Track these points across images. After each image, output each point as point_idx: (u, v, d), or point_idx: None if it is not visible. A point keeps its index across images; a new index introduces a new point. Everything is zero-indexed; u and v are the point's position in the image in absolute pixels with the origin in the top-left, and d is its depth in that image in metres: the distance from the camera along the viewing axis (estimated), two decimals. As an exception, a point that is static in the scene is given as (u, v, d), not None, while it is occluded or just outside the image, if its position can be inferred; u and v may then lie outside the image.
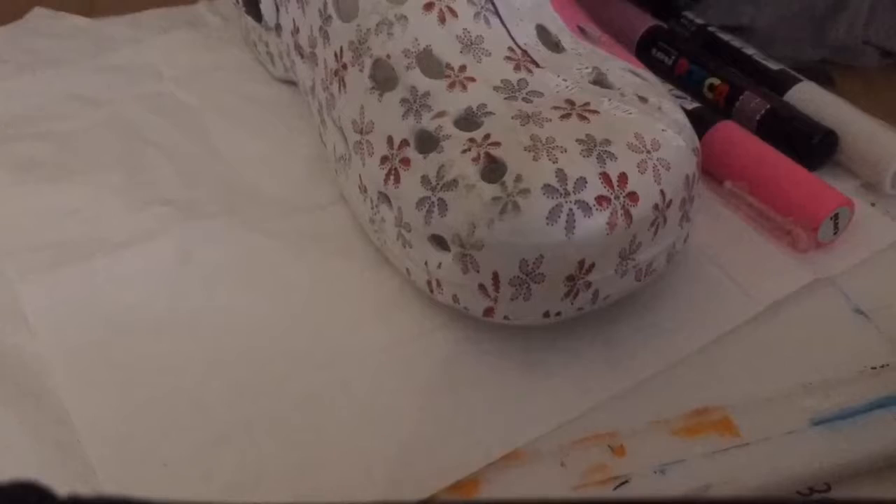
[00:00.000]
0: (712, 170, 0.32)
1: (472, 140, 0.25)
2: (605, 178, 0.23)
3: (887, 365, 0.25)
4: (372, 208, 0.27)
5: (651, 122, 0.25)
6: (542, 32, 0.28)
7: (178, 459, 0.23)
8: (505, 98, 0.26)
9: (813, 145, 0.32)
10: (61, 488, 0.14)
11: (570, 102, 0.25)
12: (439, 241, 0.25)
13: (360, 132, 0.27)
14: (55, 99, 0.36)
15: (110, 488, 0.23)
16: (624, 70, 0.28)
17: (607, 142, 0.24)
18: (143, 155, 0.33)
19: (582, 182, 0.23)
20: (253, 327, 0.27)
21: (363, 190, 0.28)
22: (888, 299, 0.28)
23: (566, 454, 0.23)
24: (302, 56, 0.32)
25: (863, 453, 0.23)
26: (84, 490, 0.22)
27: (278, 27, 0.33)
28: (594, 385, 0.25)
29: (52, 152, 0.33)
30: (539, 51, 0.28)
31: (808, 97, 0.34)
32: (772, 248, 0.30)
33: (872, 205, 0.31)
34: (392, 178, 0.26)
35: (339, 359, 0.26)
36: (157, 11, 0.42)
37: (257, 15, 0.34)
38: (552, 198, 0.23)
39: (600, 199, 0.23)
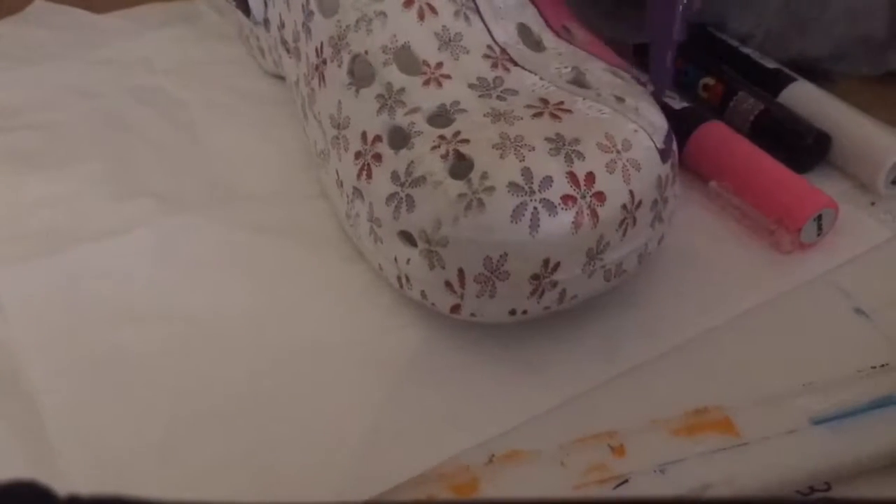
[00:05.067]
0: (698, 169, 0.32)
1: (442, 137, 0.25)
2: (572, 177, 0.23)
3: (887, 365, 0.25)
4: (347, 203, 0.27)
5: (624, 123, 0.25)
6: (524, 31, 0.28)
7: (143, 446, 0.24)
8: (479, 96, 0.26)
9: (806, 146, 0.32)
10: (24, 473, 0.15)
11: (544, 101, 0.25)
12: (407, 237, 0.25)
13: (338, 127, 0.27)
14: (48, 90, 0.37)
15: (73, 474, 0.23)
16: (604, 70, 0.28)
17: (576, 141, 0.24)
18: (129, 147, 0.34)
19: (548, 181, 0.23)
20: (226, 319, 0.27)
21: (340, 185, 0.28)
22: (888, 299, 0.27)
23: (566, 454, 0.23)
24: (288, 51, 0.32)
25: (863, 453, 0.23)
26: (45, 475, 0.22)
27: (266, 22, 0.34)
28: (561, 383, 0.25)
29: (39, 143, 0.34)
30: (518, 49, 0.27)
31: (803, 96, 0.34)
32: (755, 248, 0.29)
33: (872, 204, 0.31)
34: (364, 173, 0.26)
35: (309, 352, 0.26)
36: (157, 6, 0.43)
37: (246, 9, 0.34)
38: (517, 196, 0.23)
39: (566, 198, 0.23)
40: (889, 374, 0.25)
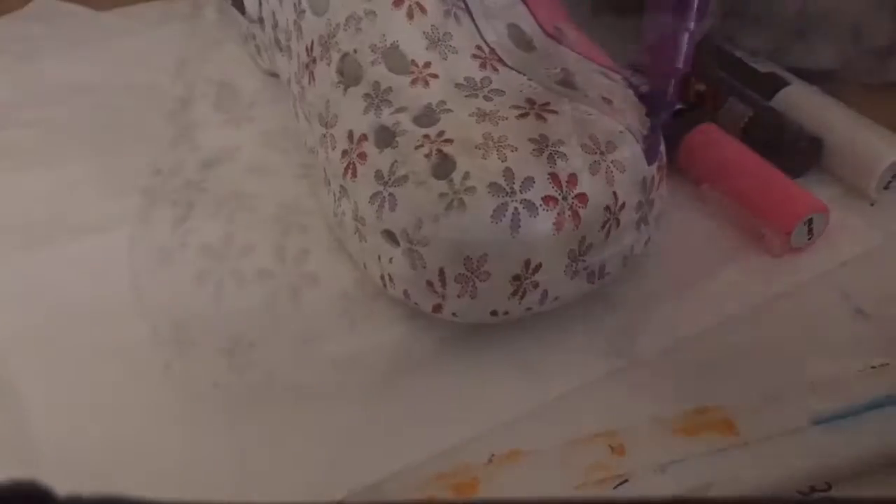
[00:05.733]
0: (690, 172, 0.32)
1: (426, 136, 0.25)
2: (554, 178, 0.23)
3: (887, 364, 0.25)
4: (335, 202, 0.27)
5: (610, 125, 0.25)
6: (515, 31, 0.28)
7: (126, 445, 0.24)
8: (465, 96, 0.26)
9: (798, 151, 0.32)
10: (6, 471, 0.15)
11: (531, 102, 0.25)
12: (390, 236, 0.25)
13: (326, 126, 0.28)
14: (47, 86, 0.37)
15: (55, 472, 0.23)
16: (593, 71, 0.28)
17: (560, 142, 0.24)
18: (122, 143, 0.34)
19: (529, 181, 0.23)
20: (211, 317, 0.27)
21: (327, 183, 0.28)
22: (888, 299, 0.27)
23: (566, 454, 0.23)
24: (280, 49, 0.32)
25: (863, 453, 0.23)
26: (27, 473, 0.22)
27: (261, 20, 0.34)
28: (553, 383, 0.25)
29: (34, 138, 0.34)
30: (508, 50, 0.27)
31: (795, 100, 0.34)
32: (748, 252, 0.29)
33: (872, 204, 0.31)
34: (350, 171, 0.26)
35: (296, 350, 0.26)
36: (156, 4, 0.43)
37: (241, 7, 0.34)
38: (498, 196, 0.23)
39: (547, 199, 0.23)
40: (889, 374, 0.25)
